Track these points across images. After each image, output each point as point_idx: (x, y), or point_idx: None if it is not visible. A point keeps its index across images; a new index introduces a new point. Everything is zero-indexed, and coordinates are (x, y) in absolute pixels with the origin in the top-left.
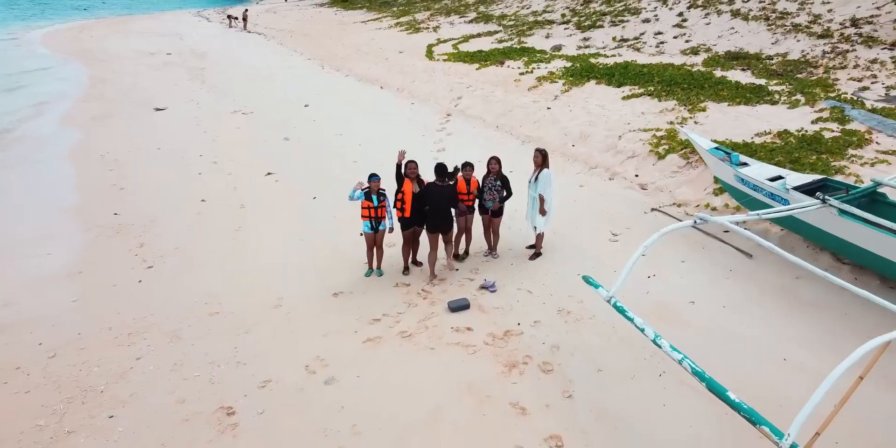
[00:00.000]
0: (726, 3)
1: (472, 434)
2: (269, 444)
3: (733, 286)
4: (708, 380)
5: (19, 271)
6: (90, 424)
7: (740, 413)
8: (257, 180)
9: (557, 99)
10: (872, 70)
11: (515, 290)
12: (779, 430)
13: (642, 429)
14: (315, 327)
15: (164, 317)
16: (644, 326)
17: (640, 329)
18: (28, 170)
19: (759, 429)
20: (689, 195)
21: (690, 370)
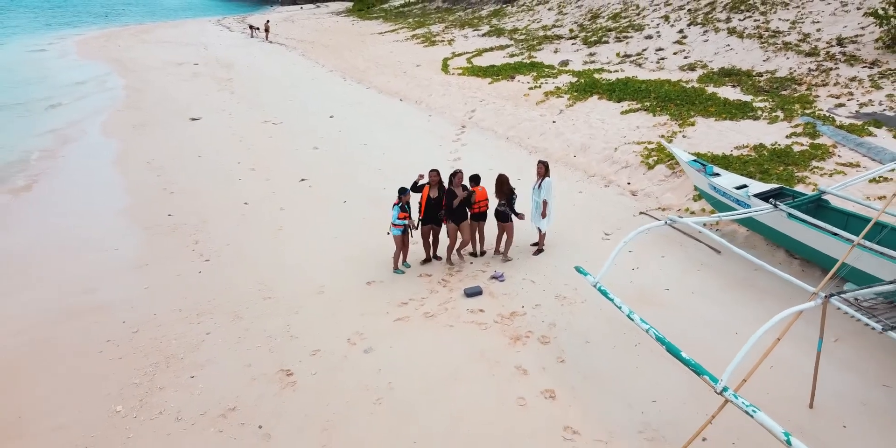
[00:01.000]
0: (724, 21)
1: (484, 389)
2: (323, 396)
3: (702, 276)
4: (666, 343)
5: (94, 263)
6: (176, 382)
7: (689, 367)
8: (292, 186)
9: (562, 113)
10: (850, 88)
11: (521, 280)
12: (716, 377)
13: (618, 385)
14: (353, 309)
15: (225, 301)
16: (621, 305)
17: (618, 307)
18: (82, 175)
19: (702, 378)
20: (673, 200)
21: (654, 337)
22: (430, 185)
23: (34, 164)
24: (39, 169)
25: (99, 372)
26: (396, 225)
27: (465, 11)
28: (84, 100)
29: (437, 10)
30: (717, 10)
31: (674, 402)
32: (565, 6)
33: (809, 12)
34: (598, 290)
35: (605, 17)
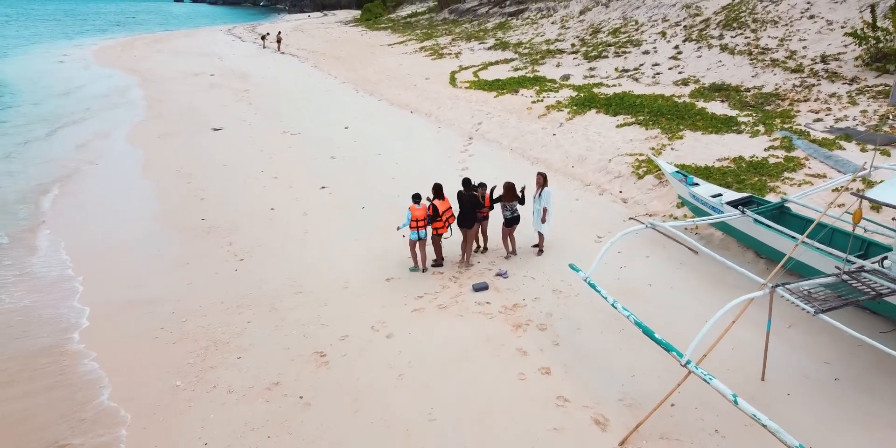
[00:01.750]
0: (717, 37)
1: (490, 367)
2: (352, 373)
3: (681, 273)
4: (642, 326)
5: (141, 262)
6: (225, 362)
7: (660, 345)
8: (314, 193)
9: (562, 126)
10: (829, 103)
11: (522, 277)
12: (681, 353)
13: (603, 363)
14: (375, 301)
15: (261, 295)
16: (606, 295)
17: (604, 297)
18: (118, 183)
19: (670, 354)
20: (659, 207)
21: (633, 321)
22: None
23: (73, 174)
24: (78, 178)
25: (157, 354)
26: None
27: (471, 23)
28: (110, 111)
29: (443, 22)
30: (710, 27)
31: (649, 376)
32: (568, 20)
33: (797, 30)
34: (587, 283)
35: (605, 31)
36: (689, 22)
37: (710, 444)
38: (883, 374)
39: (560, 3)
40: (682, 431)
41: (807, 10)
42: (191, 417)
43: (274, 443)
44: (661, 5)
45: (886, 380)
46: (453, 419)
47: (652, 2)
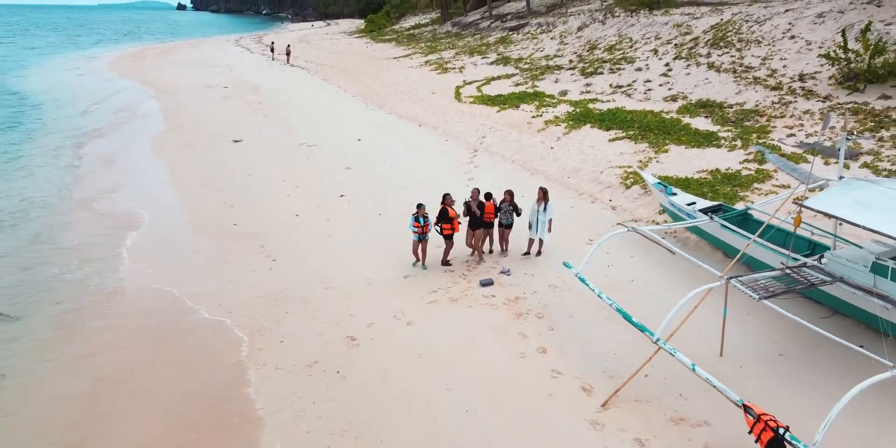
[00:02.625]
0: (705, 56)
1: (495, 348)
2: (379, 353)
3: (659, 271)
4: (622, 311)
5: (184, 263)
6: (270, 345)
7: (635, 326)
8: (333, 200)
9: (559, 140)
10: (802, 120)
11: (523, 274)
12: (653, 332)
13: (590, 344)
14: (395, 295)
15: (295, 290)
16: (594, 287)
17: (591, 289)
18: (152, 192)
19: (644, 334)
20: (644, 214)
21: (614, 308)
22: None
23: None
24: (114, 186)
25: (210, 338)
26: (414, 232)
27: (473, 37)
28: (130, 123)
29: (446, 35)
30: (699, 46)
31: (628, 354)
32: (566, 36)
33: (778, 50)
34: (578, 278)
35: (601, 48)
36: (679, 40)
37: (674, 404)
38: (819, 351)
39: (559, 19)
40: (653, 395)
41: (788, 31)
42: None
43: (318, 407)
44: (654, 23)
45: (822, 356)
46: (466, 389)
47: (646, 20)
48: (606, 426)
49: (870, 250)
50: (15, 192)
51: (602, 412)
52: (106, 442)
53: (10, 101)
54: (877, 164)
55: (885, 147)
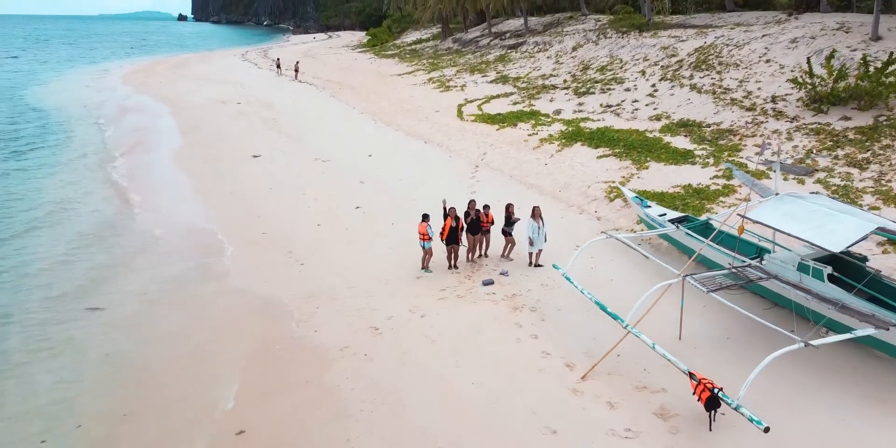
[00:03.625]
0: (688, 78)
1: (496, 335)
2: (399, 340)
3: (635, 272)
4: (599, 304)
5: (222, 266)
6: (307, 334)
7: (609, 315)
8: (350, 212)
9: (553, 157)
10: (771, 139)
11: (519, 275)
12: (623, 319)
13: (574, 331)
14: (410, 293)
15: (322, 289)
16: (577, 285)
17: (575, 285)
18: (183, 206)
19: (616, 321)
20: (624, 223)
21: (592, 301)
22: (450, 218)
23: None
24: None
25: (254, 328)
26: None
27: (473, 54)
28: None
29: (448, 52)
30: (683, 68)
31: (605, 338)
32: (562, 56)
33: (755, 73)
34: (565, 277)
35: (594, 68)
36: (666, 62)
37: (639, 376)
38: (758, 335)
39: (555, 38)
40: (622, 370)
41: (764, 55)
42: (292, 372)
43: (350, 381)
44: (643, 45)
45: (760, 338)
46: (472, 367)
47: (636, 41)
48: (585, 393)
49: (797, 253)
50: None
51: (581, 383)
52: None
53: (33, 118)
54: (828, 180)
55: (839, 164)
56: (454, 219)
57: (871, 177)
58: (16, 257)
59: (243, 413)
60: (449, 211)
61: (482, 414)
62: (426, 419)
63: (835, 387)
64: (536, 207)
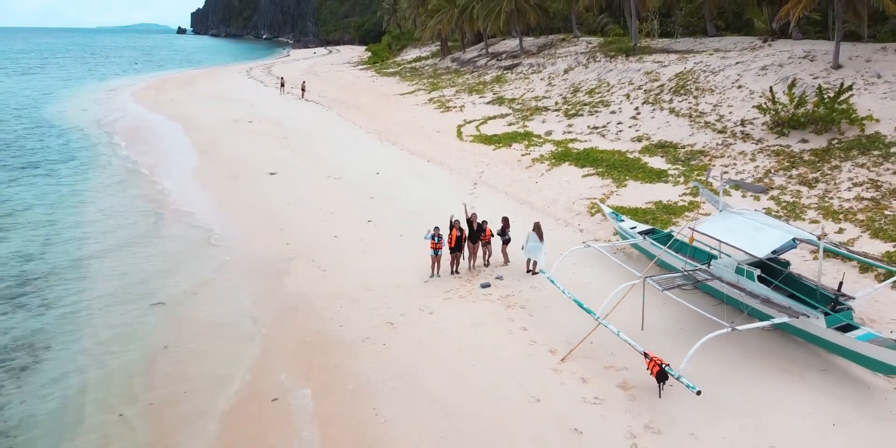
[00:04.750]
0: (667, 102)
1: (492, 328)
2: (411, 333)
3: (610, 276)
4: (577, 301)
5: (255, 274)
6: (332, 328)
7: (583, 309)
8: (363, 225)
9: (543, 175)
10: (736, 160)
11: (512, 280)
12: (595, 313)
13: (557, 323)
14: (418, 294)
15: (343, 291)
16: (559, 285)
17: (557, 286)
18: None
19: (590, 315)
20: (603, 235)
21: (570, 298)
22: (456, 229)
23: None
24: (181, 214)
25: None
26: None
27: (471, 74)
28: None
29: (447, 71)
30: (664, 93)
31: (581, 329)
32: (554, 78)
33: (727, 98)
34: (549, 280)
35: (583, 91)
36: (648, 86)
37: (607, 358)
38: (705, 325)
39: (548, 61)
40: (595, 354)
41: (737, 81)
42: (323, 358)
43: (373, 365)
44: (629, 70)
45: (707, 328)
46: (472, 353)
47: (622, 66)
48: (563, 372)
49: (736, 259)
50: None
51: (561, 364)
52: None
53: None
54: (780, 197)
55: (792, 183)
56: (458, 230)
57: (817, 194)
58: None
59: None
60: (455, 223)
61: (481, 388)
62: (436, 392)
63: (759, 363)
64: (537, 223)
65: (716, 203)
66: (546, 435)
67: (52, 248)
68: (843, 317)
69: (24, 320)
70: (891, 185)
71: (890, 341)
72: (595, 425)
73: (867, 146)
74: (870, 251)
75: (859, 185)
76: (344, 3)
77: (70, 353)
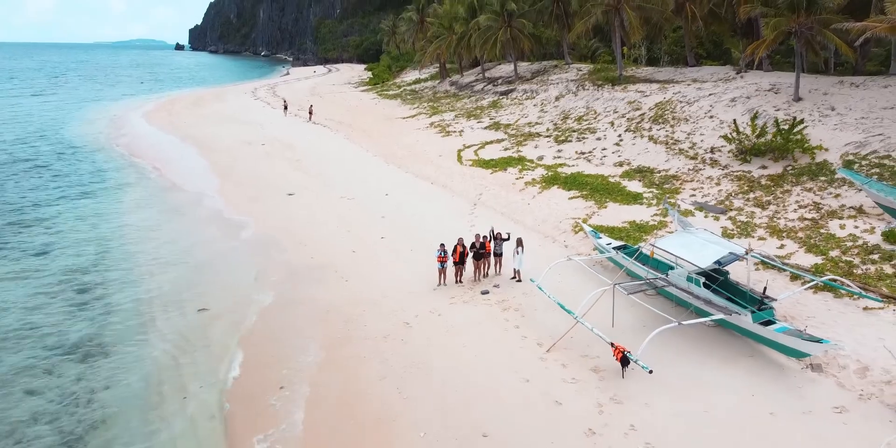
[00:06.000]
0: (647, 130)
1: (490, 327)
2: (424, 330)
3: (590, 284)
4: (560, 304)
5: (286, 286)
6: (357, 326)
7: (564, 310)
8: (377, 241)
9: (535, 198)
10: (704, 184)
11: (508, 287)
12: (574, 313)
13: (546, 323)
14: (428, 299)
15: (364, 297)
16: (546, 292)
17: (544, 292)
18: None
19: (570, 314)
20: (584, 250)
21: (554, 301)
22: (461, 246)
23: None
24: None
25: (320, 323)
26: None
27: (469, 98)
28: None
29: (445, 94)
30: (644, 121)
31: (563, 326)
32: (546, 105)
33: (700, 127)
34: (537, 287)
35: (572, 118)
36: (631, 115)
37: (584, 349)
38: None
39: (541, 87)
40: (574, 345)
41: (709, 112)
42: (348, 350)
43: (394, 356)
44: (614, 98)
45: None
46: (474, 346)
47: (608, 94)
48: (548, 360)
49: (687, 270)
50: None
51: (546, 354)
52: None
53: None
54: (737, 218)
55: (748, 205)
56: (462, 247)
57: (768, 215)
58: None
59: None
60: (458, 241)
61: (482, 372)
62: (444, 377)
63: (702, 352)
64: (520, 238)
65: (681, 223)
66: (534, 406)
67: (104, 261)
68: (765, 314)
69: (89, 322)
70: (830, 208)
71: (796, 332)
72: (572, 398)
73: (815, 172)
74: (803, 263)
75: (804, 207)
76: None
77: (135, 349)
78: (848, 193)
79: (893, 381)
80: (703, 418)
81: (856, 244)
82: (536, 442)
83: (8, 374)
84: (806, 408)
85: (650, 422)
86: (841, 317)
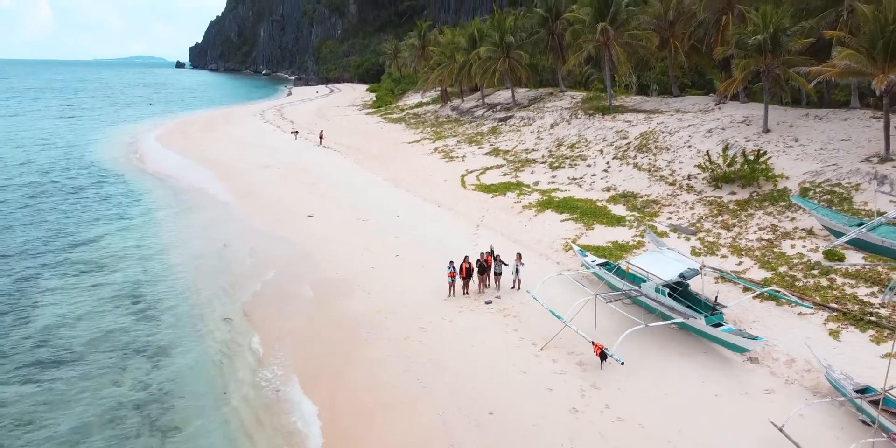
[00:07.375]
0: (633, 158)
1: (493, 331)
2: (437, 334)
3: (577, 295)
4: (552, 311)
5: (319, 300)
6: (381, 330)
7: (554, 316)
8: (392, 258)
9: (531, 220)
10: (679, 208)
11: (508, 298)
12: (563, 318)
13: (540, 326)
14: (440, 308)
15: (384, 306)
16: (541, 301)
17: (539, 302)
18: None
19: (559, 320)
20: (573, 266)
21: (546, 309)
22: (467, 263)
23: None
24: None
25: (350, 330)
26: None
27: (470, 124)
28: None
29: (447, 119)
30: (630, 149)
31: (554, 329)
32: (542, 132)
33: (679, 155)
34: (533, 297)
35: (566, 145)
36: (618, 143)
37: (571, 347)
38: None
39: (538, 114)
40: (563, 345)
41: (688, 141)
42: (376, 349)
43: (413, 354)
44: (603, 127)
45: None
46: (480, 347)
47: (598, 123)
48: (541, 357)
49: (656, 283)
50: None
51: (540, 352)
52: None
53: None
54: (705, 238)
55: (716, 227)
56: (468, 264)
57: (732, 236)
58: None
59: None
60: (465, 258)
61: (486, 368)
62: (456, 369)
63: (665, 348)
64: (519, 253)
65: (655, 242)
66: (529, 391)
67: (153, 273)
68: (716, 318)
69: (148, 326)
70: (784, 230)
71: (738, 331)
72: (560, 386)
73: (776, 198)
74: (755, 277)
75: (763, 229)
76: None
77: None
78: (802, 217)
79: (812, 370)
80: (665, 399)
81: (801, 261)
82: (531, 418)
83: (95, 369)
84: (744, 390)
85: (622, 402)
86: (780, 321)
